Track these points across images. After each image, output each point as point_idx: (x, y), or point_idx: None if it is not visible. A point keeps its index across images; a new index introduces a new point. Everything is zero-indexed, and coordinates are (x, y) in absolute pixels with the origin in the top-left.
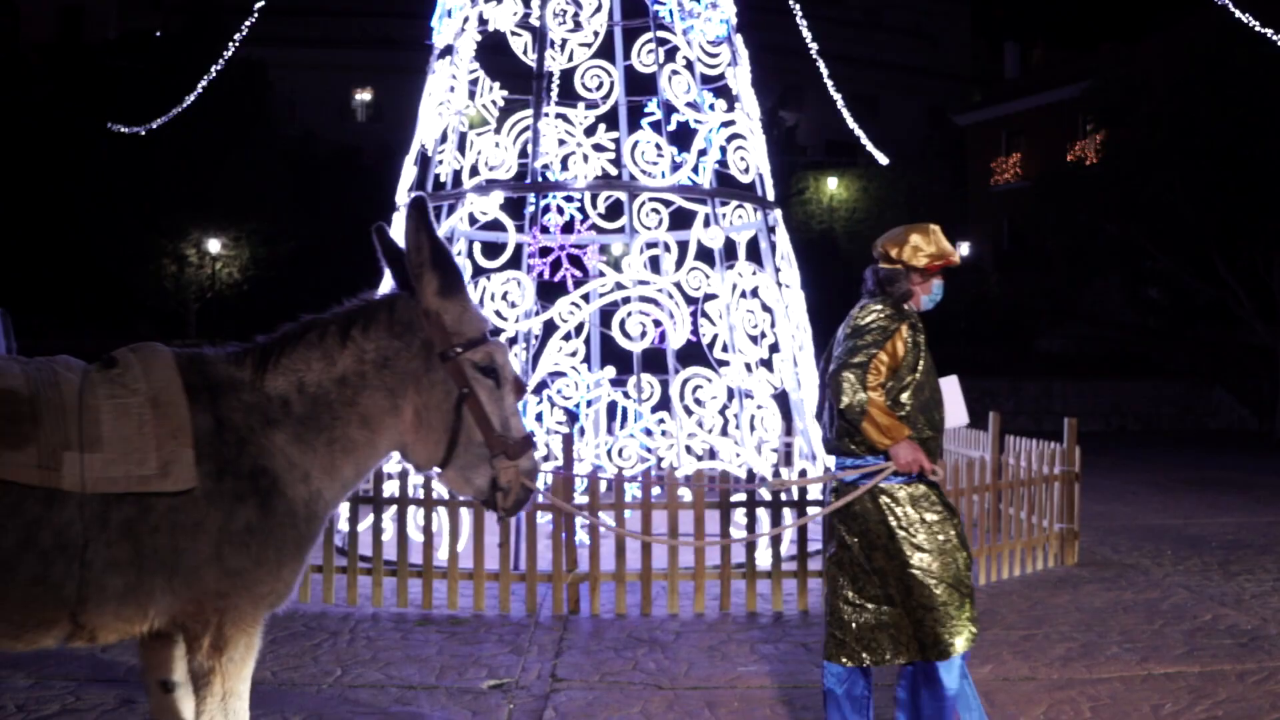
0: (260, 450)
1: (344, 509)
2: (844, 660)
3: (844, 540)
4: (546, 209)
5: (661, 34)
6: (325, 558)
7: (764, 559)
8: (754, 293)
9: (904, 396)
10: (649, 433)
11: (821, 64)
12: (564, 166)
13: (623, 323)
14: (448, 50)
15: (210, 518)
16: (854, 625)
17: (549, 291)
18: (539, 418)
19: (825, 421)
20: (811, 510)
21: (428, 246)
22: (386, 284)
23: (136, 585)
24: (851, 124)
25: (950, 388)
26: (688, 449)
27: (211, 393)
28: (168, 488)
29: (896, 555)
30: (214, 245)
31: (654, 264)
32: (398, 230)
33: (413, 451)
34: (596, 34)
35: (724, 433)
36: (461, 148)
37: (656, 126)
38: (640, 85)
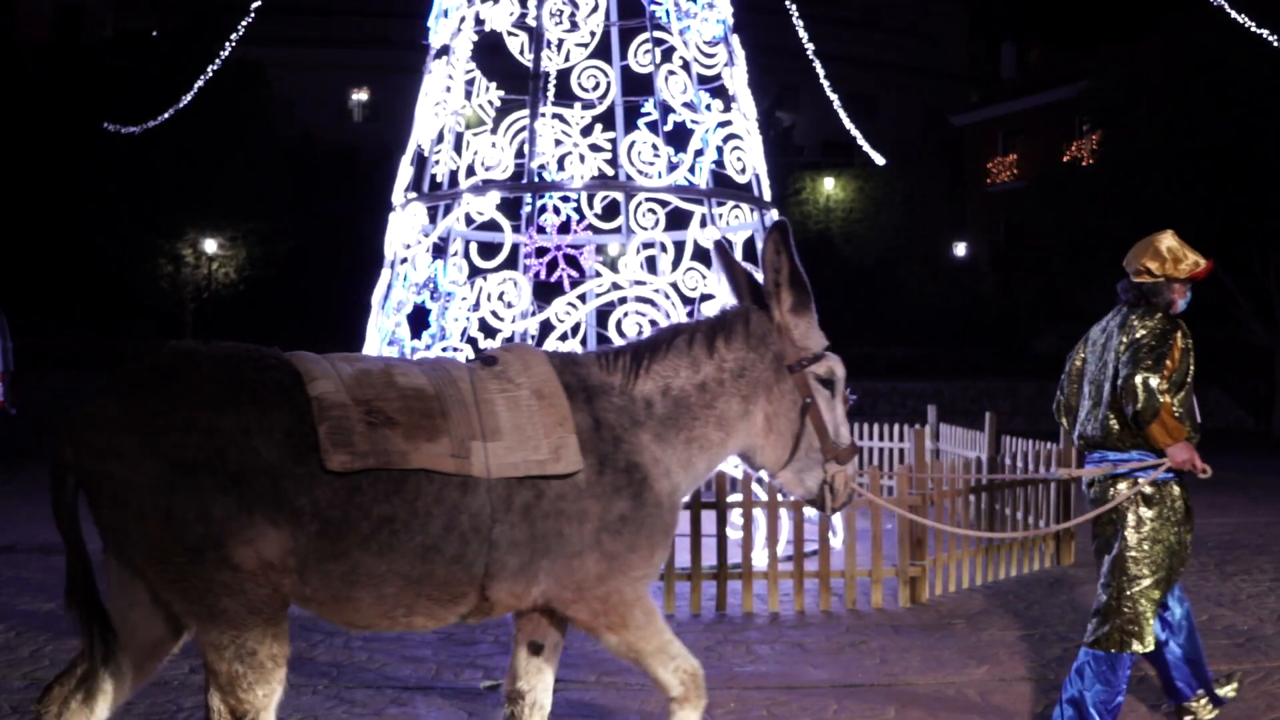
0: (632, 448)
1: None
2: (1139, 648)
3: (1129, 528)
4: (543, 209)
5: (658, 34)
6: None
7: (760, 560)
8: None
9: (1177, 399)
10: None
11: (818, 64)
12: (560, 167)
13: (619, 323)
14: (444, 50)
15: (591, 508)
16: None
17: (545, 292)
18: None
19: (1086, 418)
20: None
21: (787, 268)
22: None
23: (528, 564)
24: (848, 124)
25: None
26: None
27: (587, 393)
28: (559, 470)
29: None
30: (211, 245)
31: (650, 264)
32: (396, 230)
33: (760, 453)
34: (593, 34)
35: None
36: (458, 148)
37: (653, 127)
38: (637, 85)
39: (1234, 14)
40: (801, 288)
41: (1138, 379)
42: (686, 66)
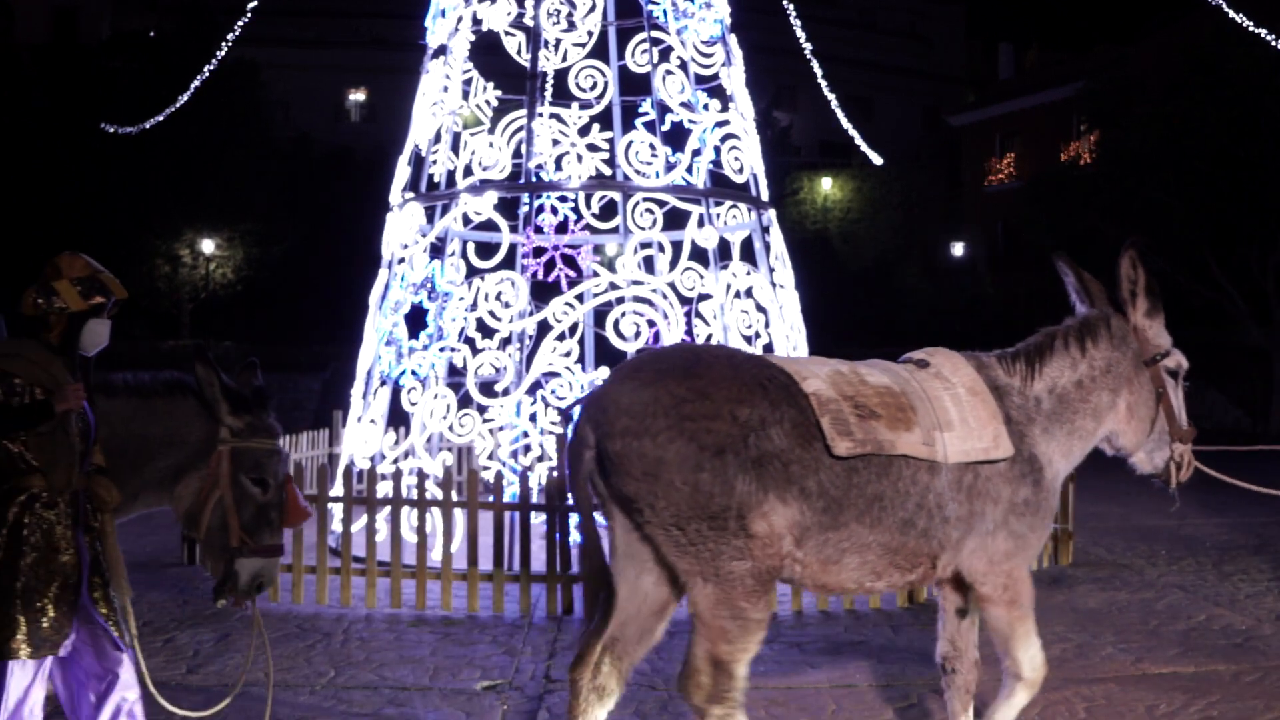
0: (1032, 440)
1: (338, 509)
2: None
3: None
4: (540, 209)
5: (656, 34)
6: (319, 558)
7: None
8: (748, 293)
9: None
10: None
11: (815, 65)
12: (558, 166)
13: (617, 323)
14: (441, 50)
15: (1004, 491)
16: None
17: (543, 292)
18: (533, 418)
19: None
20: None
21: (1141, 279)
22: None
23: (962, 539)
24: (846, 124)
25: None
26: None
27: (998, 392)
28: (998, 456)
29: None
30: (208, 245)
31: (648, 264)
32: (393, 230)
33: (1123, 437)
34: (590, 34)
35: None
36: (455, 148)
37: (651, 127)
38: (634, 85)
39: (1231, 13)
40: (1154, 295)
41: None
42: (684, 66)
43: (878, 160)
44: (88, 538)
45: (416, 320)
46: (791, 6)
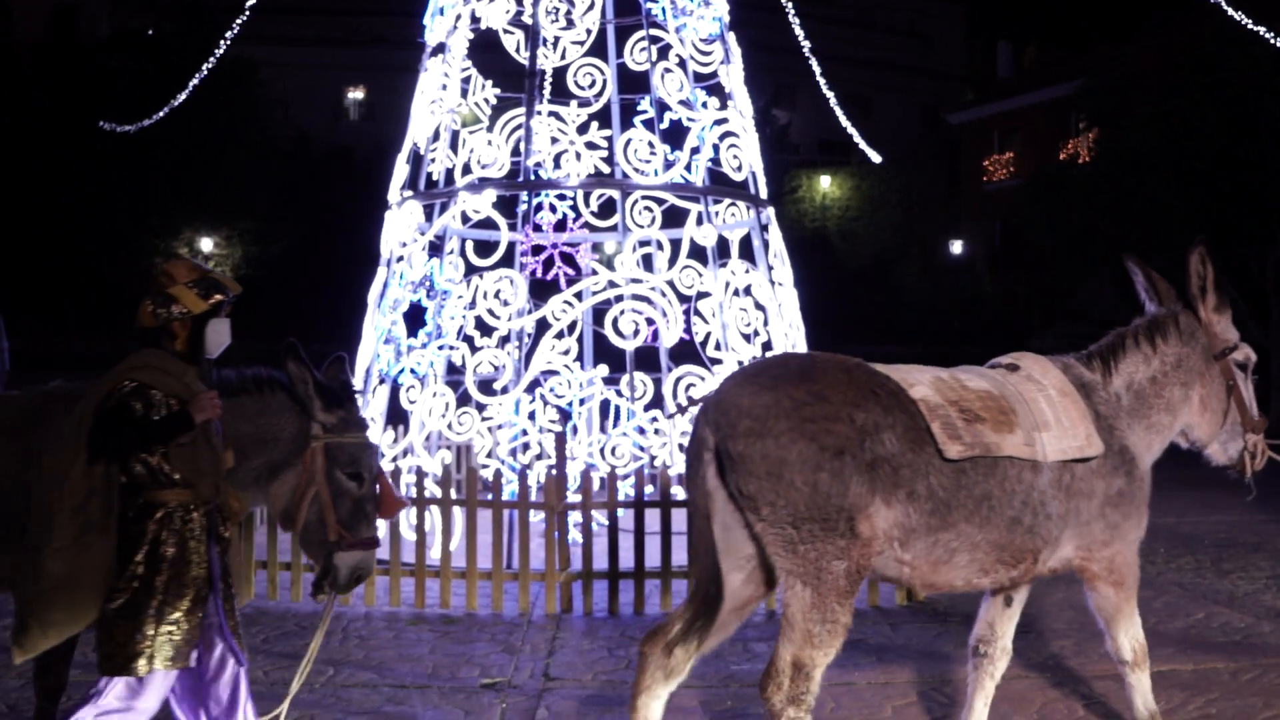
0: (1121, 433)
1: None
2: None
3: None
4: (539, 207)
5: (654, 32)
6: None
7: None
8: (747, 291)
9: None
10: (642, 431)
11: (814, 63)
12: (556, 164)
13: (615, 321)
14: (440, 48)
15: (1098, 485)
16: None
17: (542, 290)
18: (531, 416)
19: None
20: None
21: (1210, 275)
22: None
23: (1059, 534)
24: (844, 122)
25: None
26: (681, 447)
27: (1084, 390)
28: (1091, 453)
29: None
30: (206, 244)
31: (647, 262)
32: (392, 228)
33: (1198, 430)
34: (589, 32)
35: None
36: (454, 146)
37: (649, 124)
38: (633, 83)
39: (1231, 12)
40: (1222, 291)
41: None
42: (683, 64)
43: (876, 158)
44: (219, 548)
45: (415, 318)
46: (790, 4)
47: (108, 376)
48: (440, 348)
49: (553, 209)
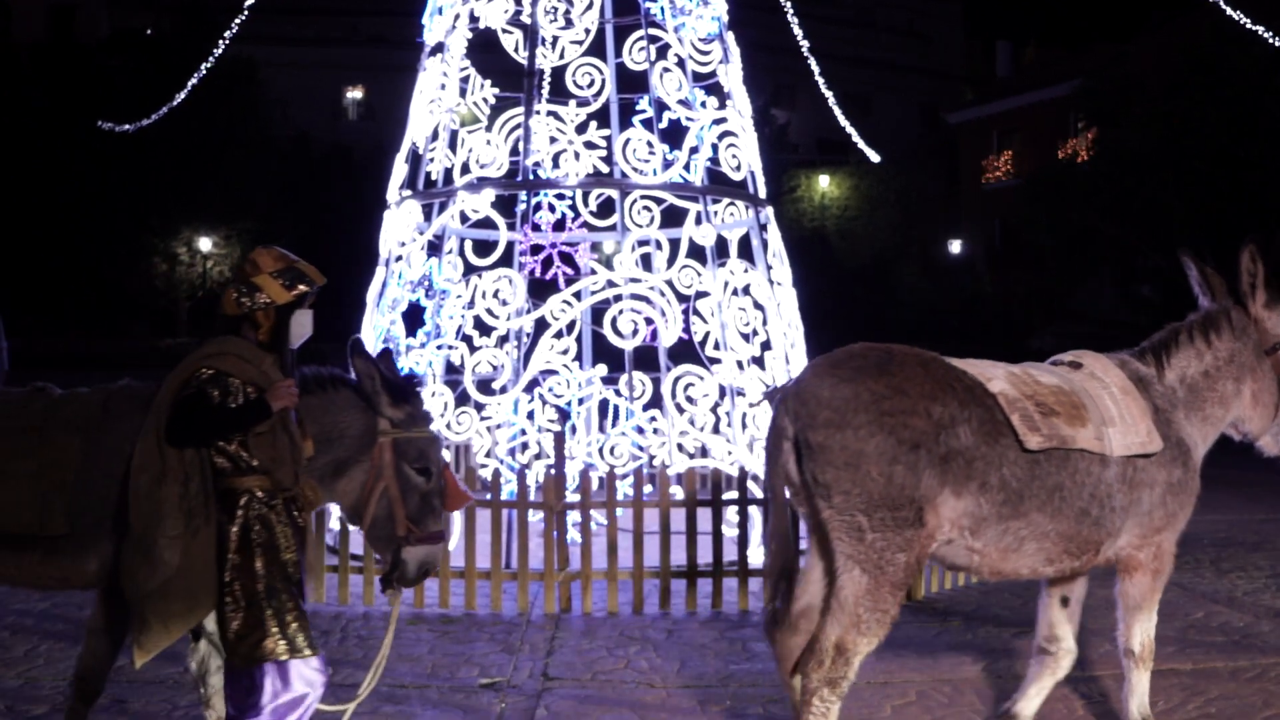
0: (1178, 425)
1: (336, 508)
2: None
3: None
4: (538, 207)
5: (653, 31)
6: (316, 556)
7: (756, 557)
8: (746, 290)
9: None
10: (641, 431)
11: (813, 62)
12: (555, 164)
13: (614, 320)
14: (439, 48)
15: (1159, 476)
16: None
17: (540, 289)
18: (530, 415)
19: None
20: None
21: (1261, 272)
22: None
23: (1121, 525)
24: (843, 122)
25: None
26: (679, 447)
27: (1141, 384)
28: (1153, 449)
29: None
30: (205, 244)
31: (645, 262)
32: (390, 228)
33: (1250, 423)
34: (588, 31)
35: (716, 431)
36: (453, 145)
37: (648, 124)
38: (632, 83)
39: (1230, 12)
40: (1274, 287)
41: None
42: (681, 64)
43: (875, 158)
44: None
45: (414, 318)
46: (789, 4)
47: (184, 363)
48: (439, 347)
49: (551, 208)
